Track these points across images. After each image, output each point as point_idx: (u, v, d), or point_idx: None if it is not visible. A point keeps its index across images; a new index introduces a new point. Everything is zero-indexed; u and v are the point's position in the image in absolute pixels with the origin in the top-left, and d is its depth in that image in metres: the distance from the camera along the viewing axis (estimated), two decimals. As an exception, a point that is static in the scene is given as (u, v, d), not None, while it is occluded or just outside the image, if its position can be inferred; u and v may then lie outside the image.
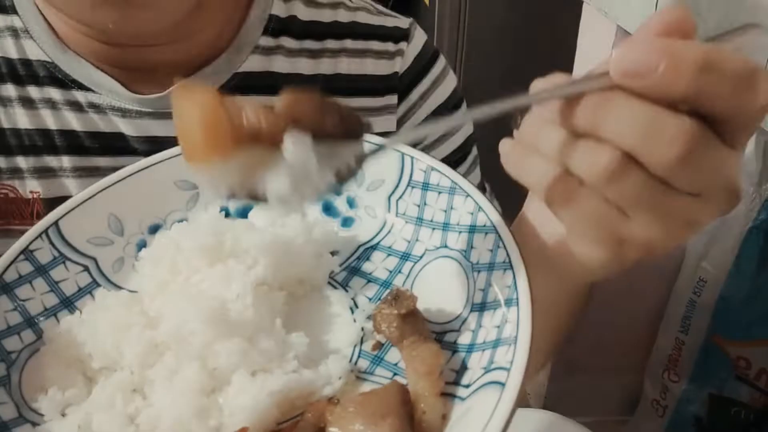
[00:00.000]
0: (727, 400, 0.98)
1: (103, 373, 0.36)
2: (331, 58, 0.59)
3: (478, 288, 0.37)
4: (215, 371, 0.35)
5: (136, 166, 0.45)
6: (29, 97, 0.53)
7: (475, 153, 0.64)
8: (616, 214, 0.31)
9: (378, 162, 0.44)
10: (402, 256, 0.42)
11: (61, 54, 0.53)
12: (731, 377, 0.96)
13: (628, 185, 0.29)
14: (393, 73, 0.60)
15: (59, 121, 0.53)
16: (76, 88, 0.53)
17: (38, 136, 0.53)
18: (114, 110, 0.53)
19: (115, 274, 0.42)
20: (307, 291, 0.41)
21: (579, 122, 0.30)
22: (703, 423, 1.01)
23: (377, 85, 0.59)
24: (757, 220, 0.86)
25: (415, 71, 0.61)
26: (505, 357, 0.31)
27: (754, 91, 0.27)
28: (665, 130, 0.28)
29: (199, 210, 0.46)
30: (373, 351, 0.37)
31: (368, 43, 0.60)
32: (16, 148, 0.53)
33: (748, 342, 0.94)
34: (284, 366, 0.35)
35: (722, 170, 0.29)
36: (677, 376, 1.03)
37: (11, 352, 0.37)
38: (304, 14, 0.59)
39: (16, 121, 0.53)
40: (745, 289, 0.90)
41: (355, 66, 0.59)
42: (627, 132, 0.28)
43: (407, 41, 0.61)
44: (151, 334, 0.36)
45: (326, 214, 0.46)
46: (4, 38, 0.53)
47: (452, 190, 0.41)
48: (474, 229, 0.39)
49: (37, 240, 0.40)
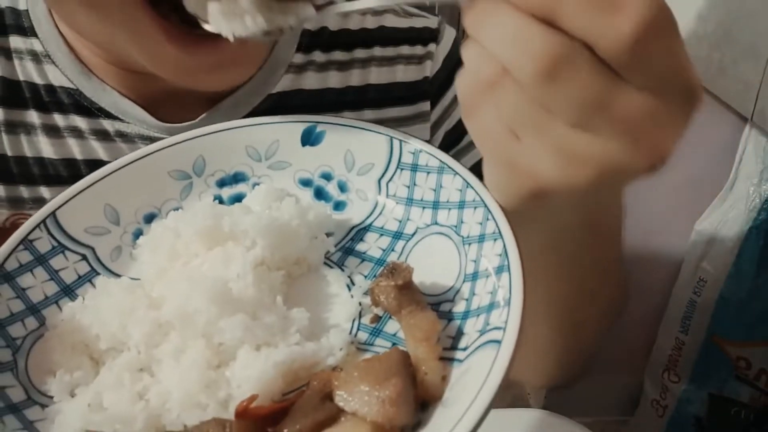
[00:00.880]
0: (727, 400, 0.98)
1: (110, 354, 0.37)
2: (360, 69, 0.57)
3: (470, 259, 0.39)
4: (221, 347, 0.36)
5: (131, 157, 0.45)
6: (54, 125, 0.52)
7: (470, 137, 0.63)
8: (506, 134, 0.29)
9: (367, 146, 0.46)
10: (394, 235, 0.44)
11: (85, 81, 0.52)
12: (731, 377, 0.97)
13: (505, 101, 0.28)
14: (423, 78, 0.58)
15: (85, 151, 0.53)
16: (103, 116, 0.52)
17: (63, 166, 0.53)
18: (143, 139, 0.53)
19: (113, 263, 0.43)
20: (304, 271, 0.42)
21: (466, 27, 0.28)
22: (703, 423, 1.01)
23: (408, 92, 0.57)
24: (757, 220, 0.86)
25: (446, 72, 0.59)
26: (500, 318, 0.33)
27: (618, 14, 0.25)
28: (530, 43, 0.26)
29: (193, 199, 0.47)
30: (371, 324, 0.39)
31: (398, 48, 0.58)
32: (40, 177, 0.53)
33: (748, 342, 0.94)
34: (287, 339, 0.36)
35: (605, 100, 0.26)
36: (677, 376, 1.03)
37: (16, 338, 0.37)
38: (333, 24, 0.57)
39: (40, 150, 0.52)
40: (745, 289, 0.90)
41: (385, 74, 0.57)
42: (498, 41, 0.27)
43: (436, 42, 0.59)
44: (155, 314, 0.36)
45: (318, 199, 0.47)
46: (25, 62, 0.52)
47: (441, 169, 0.43)
48: (463, 205, 0.41)
49: (35, 230, 0.41)
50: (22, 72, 0.52)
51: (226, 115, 0.53)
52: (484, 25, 0.27)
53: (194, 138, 0.47)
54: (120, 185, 0.45)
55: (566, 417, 0.69)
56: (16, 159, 0.53)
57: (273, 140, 0.48)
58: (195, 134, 0.47)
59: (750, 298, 0.90)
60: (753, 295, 0.90)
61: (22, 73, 0.52)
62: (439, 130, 0.59)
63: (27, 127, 0.52)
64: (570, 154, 0.28)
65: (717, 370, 0.98)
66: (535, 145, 0.29)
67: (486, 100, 0.29)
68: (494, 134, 0.30)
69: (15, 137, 0.53)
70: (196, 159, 0.47)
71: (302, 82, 0.56)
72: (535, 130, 0.28)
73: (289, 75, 0.55)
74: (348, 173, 0.47)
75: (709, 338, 0.97)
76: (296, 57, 0.55)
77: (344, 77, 0.57)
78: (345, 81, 0.57)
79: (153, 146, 0.46)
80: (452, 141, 0.60)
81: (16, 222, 0.54)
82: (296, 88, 0.55)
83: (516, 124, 0.29)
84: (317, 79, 0.56)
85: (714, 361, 0.98)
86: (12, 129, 0.53)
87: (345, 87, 0.56)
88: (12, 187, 0.53)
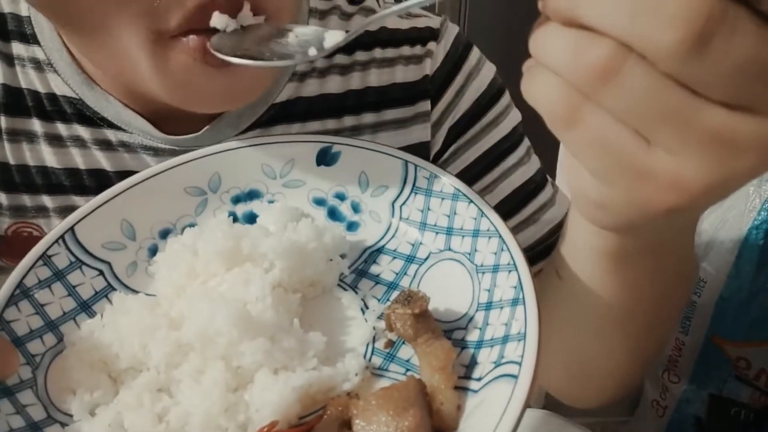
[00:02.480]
0: (727, 401, 0.99)
1: (129, 373, 0.37)
2: (360, 72, 0.56)
3: (483, 288, 0.40)
4: (239, 369, 0.36)
5: (148, 172, 0.46)
6: (57, 134, 0.52)
7: (527, 143, 0.60)
8: (630, 138, 0.24)
9: (382, 169, 0.46)
10: (407, 258, 0.45)
11: (88, 90, 0.52)
12: (731, 377, 0.97)
13: (631, 89, 0.23)
14: (423, 77, 0.57)
15: (88, 160, 0.52)
16: (106, 126, 0.52)
17: (66, 175, 0.52)
18: (146, 149, 0.53)
19: (129, 278, 0.44)
20: (319, 293, 0.43)
21: (558, 6, 0.24)
22: (703, 423, 1.02)
23: (407, 93, 0.57)
24: (757, 220, 0.86)
25: (447, 69, 0.58)
26: (515, 352, 0.34)
27: None
28: (664, 5, 0.21)
29: (208, 215, 0.47)
30: (385, 348, 0.40)
31: (398, 50, 0.57)
32: (42, 186, 0.52)
33: (748, 342, 0.94)
34: (305, 364, 0.37)
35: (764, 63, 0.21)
36: (677, 377, 1.04)
37: (35, 355, 0.38)
38: (337, 27, 0.56)
39: (43, 159, 0.52)
40: (745, 289, 0.90)
41: (385, 76, 0.57)
42: (613, 12, 0.22)
43: (436, 40, 0.57)
44: (176, 335, 0.37)
45: (331, 219, 0.48)
46: (27, 69, 0.52)
47: (455, 196, 0.44)
48: (478, 234, 0.42)
49: (54, 245, 0.41)
50: (24, 79, 0.52)
51: (230, 126, 0.54)
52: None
53: (210, 155, 0.47)
54: (137, 200, 0.45)
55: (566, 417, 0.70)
56: (19, 167, 0.53)
57: (288, 158, 0.48)
58: (211, 151, 0.48)
59: (750, 298, 0.90)
60: (753, 295, 0.90)
61: (24, 81, 0.52)
62: (441, 128, 0.58)
63: (29, 136, 0.52)
64: (728, 144, 0.23)
65: (717, 370, 0.98)
66: (677, 142, 0.23)
67: (592, 103, 0.25)
68: (613, 143, 0.25)
69: (17, 145, 0.52)
70: (212, 175, 0.47)
71: (305, 89, 0.55)
72: (677, 121, 0.23)
73: (292, 83, 0.55)
74: (362, 194, 0.47)
75: (709, 338, 0.97)
76: (300, 65, 0.55)
77: (345, 81, 0.56)
78: (346, 85, 0.56)
79: (169, 162, 0.47)
80: (456, 135, 0.59)
81: (18, 231, 0.54)
82: (298, 95, 0.55)
83: (647, 121, 0.24)
84: (318, 85, 0.56)
85: (714, 361, 0.98)
86: (14, 137, 0.52)
87: (346, 91, 0.56)
88: (14, 195, 0.53)
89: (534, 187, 0.60)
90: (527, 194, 0.59)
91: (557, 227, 0.59)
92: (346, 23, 0.57)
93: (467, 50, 0.59)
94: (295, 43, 0.40)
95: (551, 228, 0.59)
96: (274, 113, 0.55)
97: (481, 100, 0.59)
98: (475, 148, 0.59)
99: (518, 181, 0.59)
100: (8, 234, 0.53)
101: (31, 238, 0.53)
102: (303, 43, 0.39)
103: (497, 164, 0.59)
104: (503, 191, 0.59)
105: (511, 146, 0.59)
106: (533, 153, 0.62)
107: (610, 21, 0.22)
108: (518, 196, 0.59)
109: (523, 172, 0.60)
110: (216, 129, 0.53)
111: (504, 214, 0.58)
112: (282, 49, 0.39)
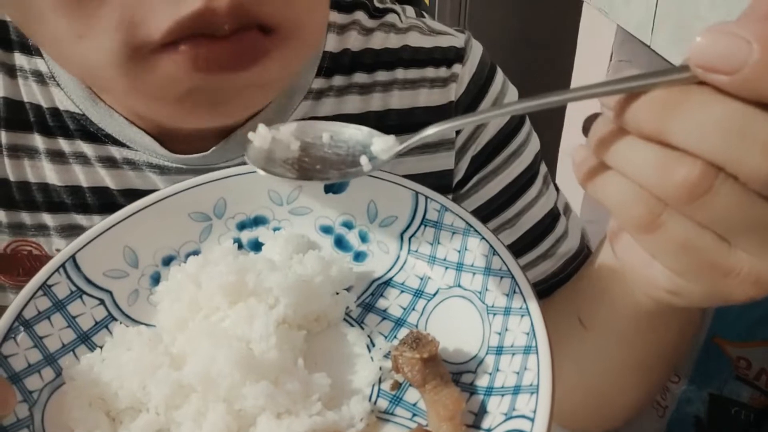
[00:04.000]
0: (727, 400, 0.98)
1: (128, 413, 0.36)
2: (382, 93, 0.54)
3: (494, 331, 0.39)
4: (241, 413, 0.35)
5: (153, 198, 0.45)
6: (59, 150, 0.51)
7: (545, 170, 0.60)
8: (713, 242, 0.26)
9: (391, 199, 0.45)
10: (415, 293, 0.44)
11: (91, 106, 0.50)
12: (731, 377, 0.97)
13: (719, 205, 0.24)
14: (448, 102, 0.55)
15: (91, 178, 0.51)
16: (110, 143, 0.51)
17: (67, 193, 0.51)
18: (151, 167, 0.51)
19: (130, 308, 0.43)
20: (324, 328, 0.42)
21: (645, 125, 0.25)
22: (703, 423, 1.01)
23: (432, 117, 0.54)
24: None
25: (473, 95, 0.56)
26: (527, 406, 0.33)
27: None
28: (759, 134, 0.22)
29: (212, 241, 0.46)
30: (391, 390, 0.39)
31: (422, 71, 0.55)
32: (43, 204, 0.51)
33: (748, 342, 0.94)
34: (309, 408, 0.36)
35: None
36: (677, 376, 1.02)
37: (32, 391, 0.37)
38: (356, 44, 0.54)
39: (44, 176, 0.51)
40: None
41: (408, 99, 0.54)
42: (707, 138, 0.23)
43: (462, 63, 0.55)
44: (177, 375, 0.36)
45: (338, 247, 0.47)
46: (29, 82, 0.50)
47: (466, 231, 0.43)
48: (489, 272, 0.41)
49: (54, 274, 0.40)
50: (26, 93, 0.50)
51: (240, 146, 0.52)
52: (679, 120, 0.23)
53: (216, 180, 0.46)
54: (140, 226, 0.44)
55: None
56: (19, 184, 0.51)
57: (296, 185, 0.47)
58: (217, 176, 0.46)
59: None
60: None
61: (27, 94, 0.50)
62: (465, 155, 0.56)
63: (30, 152, 0.51)
64: None
65: (717, 370, 0.97)
66: (759, 246, 0.26)
67: (673, 211, 0.26)
68: (695, 246, 0.26)
69: (18, 161, 0.51)
70: (217, 201, 0.46)
71: (321, 109, 0.53)
72: (761, 229, 0.25)
73: (308, 101, 0.53)
74: (370, 224, 0.46)
75: (709, 338, 0.96)
76: (316, 82, 0.53)
77: (364, 101, 0.54)
78: (366, 106, 0.54)
79: (174, 187, 0.45)
80: (479, 165, 0.57)
81: (17, 249, 0.53)
82: (314, 114, 0.53)
83: (731, 230, 0.26)
84: (335, 104, 0.54)
85: (714, 361, 0.96)
86: (15, 153, 0.51)
87: (366, 112, 0.54)
88: (14, 212, 0.52)
89: (551, 220, 0.59)
90: (545, 228, 0.58)
91: (571, 260, 0.59)
92: (366, 38, 0.56)
93: (492, 73, 0.58)
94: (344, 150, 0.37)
95: (566, 260, 0.58)
96: None
97: (505, 129, 0.57)
98: (498, 179, 0.57)
99: (539, 215, 0.58)
100: (7, 252, 0.52)
101: (31, 256, 0.52)
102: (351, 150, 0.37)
103: (519, 196, 0.58)
104: (524, 225, 0.58)
105: (532, 177, 0.58)
106: (551, 181, 0.61)
107: (704, 145, 0.23)
108: (538, 230, 0.58)
109: (543, 205, 0.59)
110: (225, 148, 0.52)
111: (523, 248, 0.58)
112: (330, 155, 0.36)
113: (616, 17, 0.90)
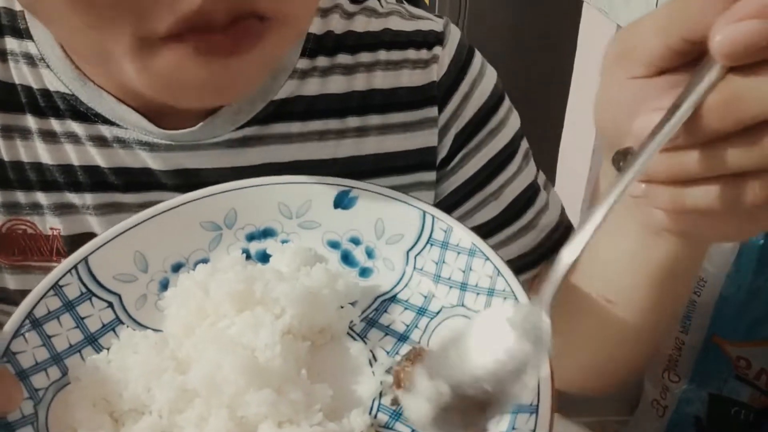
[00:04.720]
0: (727, 400, 0.99)
1: (131, 416, 0.37)
2: (365, 73, 0.56)
3: (495, 351, 0.39)
4: (243, 420, 0.36)
5: (165, 205, 0.46)
6: (51, 130, 0.52)
7: (525, 146, 0.62)
8: None
9: (399, 217, 0.46)
10: (419, 310, 0.44)
11: (81, 86, 0.51)
12: (731, 377, 0.97)
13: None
14: (430, 82, 0.57)
15: (82, 157, 0.52)
16: (100, 122, 0.52)
17: (60, 172, 0.52)
18: (141, 144, 0.52)
19: (138, 312, 0.43)
20: (328, 340, 0.42)
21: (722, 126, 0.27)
22: (703, 423, 1.02)
23: (414, 97, 0.57)
24: None
25: (453, 75, 0.58)
26: (526, 425, 0.33)
27: None
28: None
29: (221, 251, 0.47)
30: (391, 405, 0.39)
31: (404, 52, 0.57)
32: (36, 183, 0.52)
33: (748, 342, 0.95)
34: (310, 418, 0.36)
35: None
36: (677, 376, 1.04)
37: (38, 389, 0.37)
38: (339, 26, 0.56)
39: (37, 155, 0.52)
40: (745, 289, 0.91)
41: (391, 79, 0.57)
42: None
43: (442, 45, 0.58)
44: (181, 379, 0.37)
45: (344, 263, 0.47)
46: (20, 65, 0.52)
47: (472, 252, 0.43)
48: (493, 293, 0.41)
49: (66, 275, 0.41)
50: (17, 75, 0.52)
51: (227, 122, 0.53)
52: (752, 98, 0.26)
53: (228, 191, 0.47)
54: (152, 233, 0.45)
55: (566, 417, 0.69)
56: (13, 164, 0.53)
57: (306, 199, 0.48)
58: (229, 187, 0.47)
59: (750, 298, 0.91)
60: (753, 295, 0.90)
61: (18, 77, 0.52)
62: (449, 133, 0.59)
63: (23, 132, 0.52)
64: None
65: (717, 370, 0.98)
66: None
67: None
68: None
69: (11, 142, 0.52)
70: (228, 211, 0.47)
71: (305, 88, 0.55)
72: None
73: (293, 81, 0.55)
74: (377, 241, 0.47)
75: (709, 338, 0.97)
76: (300, 62, 0.55)
77: (348, 82, 0.56)
78: (349, 86, 0.56)
79: (187, 196, 0.46)
80: (462, 142, 0.59)
81: (12, 228, 0.54)
82: (299, 93, 0.55)
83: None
84: (320, 84, 0.56)
85: (714, 361, 0.98)
86: (8, 134, 0.52)
87: (350, 92, 0.56)
88: (8, 192, 0.53)
89: (532, 192, 0.61)
90: (528, 199, 0.61)
91: (552, 231, 0.62)
92: (347, 22, 0.58)
93: (471, 55, 0.60)
94: None
95: (548, 232, 0.61)
96: (273, 110, 0.55)
97: (485, 107, 0.60)
98: (481, 155, 0.60)
99: (520, 186, 0.61)
100: (2, 231, 0.53)
101: (26, 235, 0.53)
102: None
103: (502, 170, 0.60)
104: (508, 197, 0.60)
105: (512, 152, 0.61)
106: (531, 157, 0.63)
107: None
108: (521, 201, 0.61)
109: (525, 177, 0.61)
110: (212, 124, 0.53)
111: (508, 219, 0.61)
112: None
113: (616, 17, 0.90)
